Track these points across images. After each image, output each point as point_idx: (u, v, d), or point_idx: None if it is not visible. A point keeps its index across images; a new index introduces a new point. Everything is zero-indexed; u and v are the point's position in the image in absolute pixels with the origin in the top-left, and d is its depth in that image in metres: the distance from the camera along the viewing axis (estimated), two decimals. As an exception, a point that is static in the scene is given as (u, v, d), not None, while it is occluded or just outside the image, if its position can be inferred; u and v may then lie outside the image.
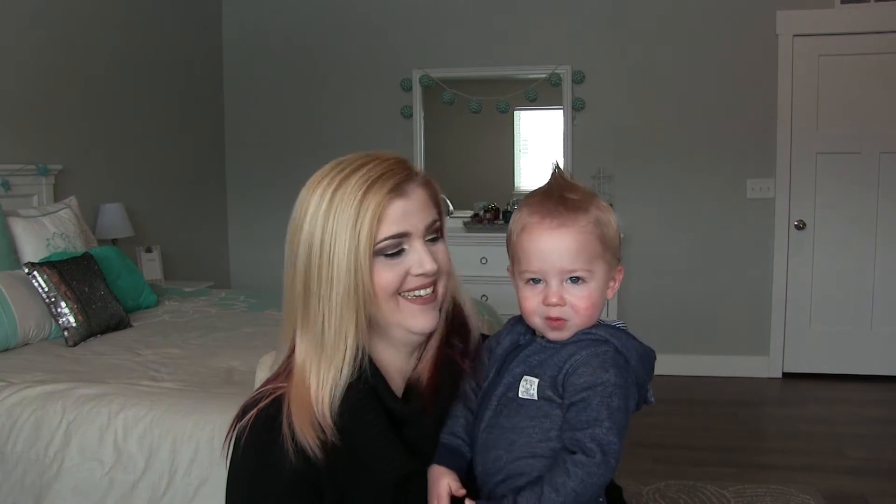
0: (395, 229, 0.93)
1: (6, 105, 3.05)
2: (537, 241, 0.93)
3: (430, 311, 0.98)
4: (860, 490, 2.73)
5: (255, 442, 0.94)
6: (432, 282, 0.97)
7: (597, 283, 0.94)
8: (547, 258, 0.92)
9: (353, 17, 4.53)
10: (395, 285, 0.95)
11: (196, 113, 4.49)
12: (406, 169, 0.96)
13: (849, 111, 4.04)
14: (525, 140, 4.63)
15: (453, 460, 0.96)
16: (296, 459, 0.91)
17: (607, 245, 0.94)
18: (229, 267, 4.86)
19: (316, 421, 0.91)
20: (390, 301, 0.96)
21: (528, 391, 0.93)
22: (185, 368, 2.16)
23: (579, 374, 0.90)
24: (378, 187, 0.92)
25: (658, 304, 4.32)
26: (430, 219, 0.97)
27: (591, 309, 0.93)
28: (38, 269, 2.51)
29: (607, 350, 0.92)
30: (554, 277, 0.93)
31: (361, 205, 0.91)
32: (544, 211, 0.93)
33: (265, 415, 0.95)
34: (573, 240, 0.92)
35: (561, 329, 0.94)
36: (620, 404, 0.88)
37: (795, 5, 4.04)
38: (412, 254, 0.95)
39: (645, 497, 2.65)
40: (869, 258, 4.10)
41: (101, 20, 3.61)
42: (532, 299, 0.94)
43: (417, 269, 0.95)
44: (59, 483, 1.76)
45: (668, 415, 3.57)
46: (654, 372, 0.99)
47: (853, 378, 4.11)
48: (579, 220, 0.92)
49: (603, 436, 0.86)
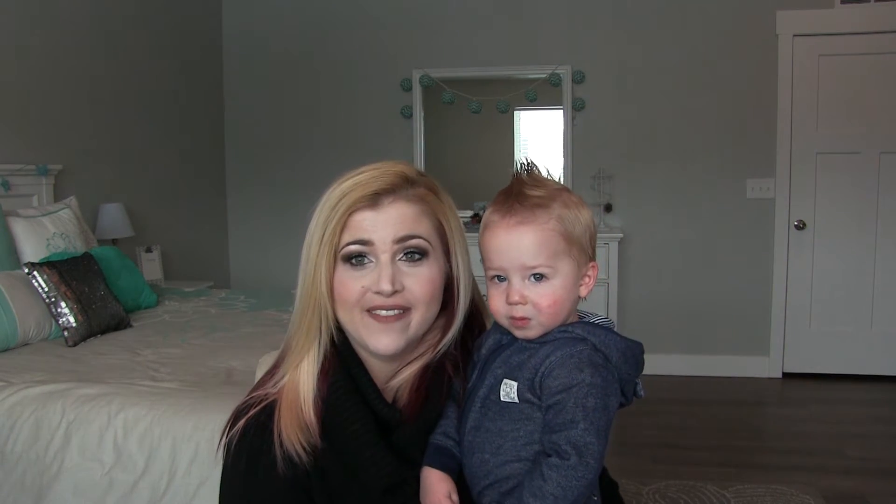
0: (356, 235, 0.92)
1: (6, 105, 3.05)
2: (497, 239, 0.93)
3: (393, 331, 0.94)
4: (860, 490, 2.73)
5: (247, 449, 0.94)
6: (396, 305, 0.93)
7: (561, 280, 0.92)
8: (506, 255, 0.92)
9: (354, 16, 4.53)
10: (355, 297, 0.93)
11: (196, 113, 4.49)
12: (401, 181, 0.94)
13: (849, 111, 4.04)
14: (525, 140, 4.63)
15: (446, 462, 0.96)
16: (287, 467, 0.91)
17: (572, 241, 0.93)
18: (229, 267, 4.86)
19: (305, 427, 0.92)
20: (352, 312, 0.94)
21: (508, 394, 0.92)
22: (185, 368, 2.16)
23: (554, 377, 0.89)
24: (355, 193, 0.92)
25: (658, 304, 4.32)
26: (402, 233, 0.93)
27: (555, 307, 0.92)
28: (38, 269, 2.51)
29: (583, 349, 0.91)
30: (515, 275, 0.92)
31: (334, 208, 0.92)
32: (504, 209, 0.93)
33: (256, 422, 0.94)
34: (532, 237, 0.91)
35: (526, 328, 0.93)
36: (598, 404, 0.87)
37: (795, 5, 4.04)
38: (375, 268, 0.93)
39: (645, 497, 2.64)
40: (869, 258, 4.10)
41: (100, 20, 3.61)
42: (497, 298, 0.94)
43: (374, 287, 0.92)
44: (59, 483, 1.76)
45: (668, 415, 3.57)
46: (655, 372, 0.99)
47: (853, 378, 4.11)
48: (538, 217, 0.91)
49: (578, 437, 0.85)
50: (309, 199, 0.97)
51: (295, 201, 4.46)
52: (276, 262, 4.65)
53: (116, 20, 3.73)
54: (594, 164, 4.30)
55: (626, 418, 3.39)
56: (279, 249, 4.66)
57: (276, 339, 2.36)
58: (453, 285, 0.99)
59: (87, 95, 3.53)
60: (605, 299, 4.08)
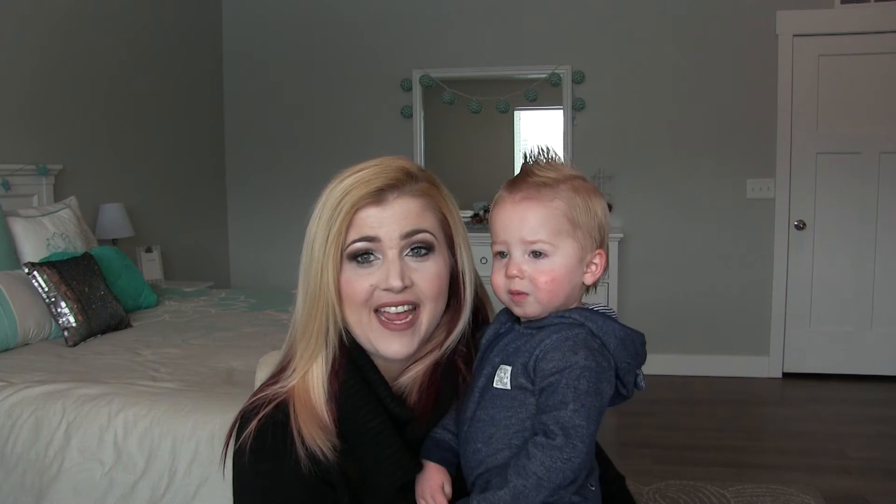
0: (362, 233, 0.91)
1: (6, 105, 3.05)
2: (502, 213, 0.95)
3: (404, 337, 0.94)
4: (860, 490, 2.73)
5: (266, 449, 0.91)
6: (406, 301, 0.93)
7: (562, 259, 0.93)
8: (509, 229, 0.94)
9: (354, 16, 4.53)
10: (363, 296, 0.92)
11: (196, 113, 4.49)
12: (404, 176, 0.93)
13: (849, 111, 4.04)
14: (525, 140, 4.63)
15: (443, 454, 0.96)
16: (310, 464, 0.89)
17: (577, 224, 0.93)
18: (229, 267, 4.86)
19: (324, 425, 0.91)
20: (361, 312, 0.93)
21: (501, 380, 0.93)
22: (185, 368, 2.16)
23: (549, 359, 0.89)
24: (358, 190, 0.91)
25: (658, 303, 4.31)
26: (409, 228, 0.92)
27: (552, 284, 0.93)
28: (38, 269, 2.51)
29: (579, 333, 0.91)
30: (516, 249, 0.94)
31: (337, 206, 0.91)
32: (512, 186, 0.96)
33: (273, 421, 0.92)
34: (535, 212, 0.93)
35: (523, 304, 0.94)
36: (590, 387, 0.87)
37: (795, 5, 4.04)
38: (383, 265, 0.92)
39: (645, 497, 2.64)
40: (869, 258, 4.10)
41: (100, 20, 3.61)
42: (498, 272, 0.96)
43: (383, 284, 0.91)
44: (59, 483, 1.76)
45: (668, 415, 3.57)
46: (655, 372, 0.99)
47: (853, 378, 4.11)
48: (544, 194, 0.93)
49: (567, 419, 0.85)
50: (309, 200, 0.97)
51: (295, 201, 4.46)
52: (276, 262, 4.66)
53: (116, 20, 3.72)
54: (594, 164, 4.30)
55: (627, 418, 3.41)
56: (279, 249, 4.66)
57: (276, 339, 2.36)
58: (458, 280, 0.99)
59: (88, 95, 3.53)
60: (606, 299, 4.08)
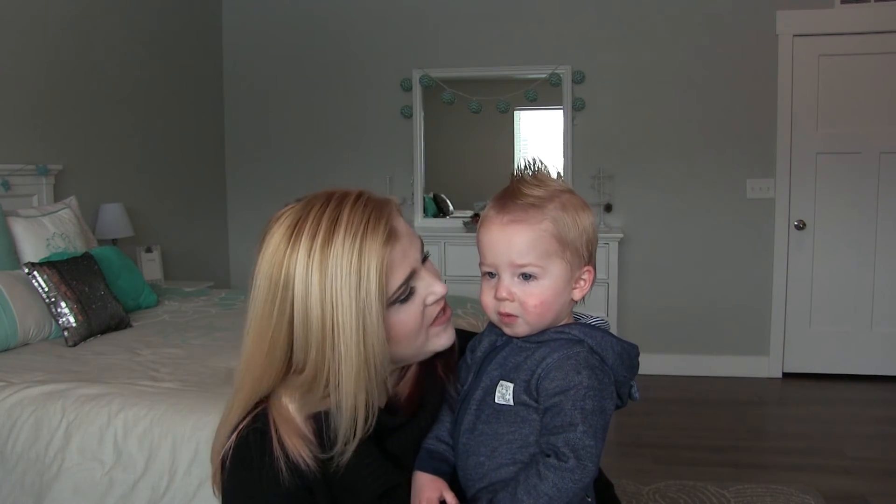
0: (403, 275, 0.91)
1: (6, 105, 3.05)
2: (490, 235, 0.94)
3: (450, 326, 0.99)
4: (860, 490, 2.73)
5: (247, 458, 0.90)
6: (444, 297, 0.98)
7: (551, 281, 0.93)
8: (497, 252, 0.93)
9: (354, 16, 4.53)
10: (419, 322, 0.93)
11: (196, 113, 4.49)
12: (381, 203, 0.92)
13: (849, 111, 4.04)
14: (525, 140, 4.63)
15: (438, 466, 0.95)
16: (291, 473, 0.88)
17: (566, 244, 0.93)
18: (229, 267, 4.86)
19: (304, 434, 0.90)
20: (416, 338, 0.94)
21: (503, 397, 0.92)
22: (185, 368, 2.16)
23: (551, 379, 0.89)
24: (371, 237, 0.87)
25: (658, 304, 4.31)
26: (419, 243, 0.95)
27: (541, 307, 0.93)
28: (38, 269, 2.51)
29: (580, 351, 0.91)
30: (505, 271, 0.93)
31: (361, 262, 0.86)
32: (500, 206, 0.95)
33: (252, 429, 0.91)
34: (524, 236, 0.92)
35: (513, 325, 0.94)
36: (595, 406, 0.87)
37: (795, 5, 4.04)
38: (420, 286, 0.94)
39: (645, 497, 2.64)
40: (869, 258, 4.10)
41: (100, 21, 3.61)
42: (487, 293, 0.96)
43: (432, 298, 0.94)
44: (59, 483, 1.76)
45: (668, 415, 3.57)
46: (655, 372, 0.99)
47: (853, 378, 4.12)
48: (531, 216, 0.92)
49: (578, 440, 0.85)
50: (309, 200, 0.96)
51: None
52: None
53: (117, 20, 3.72)
54: (594, 164, 4.30)
55: (626, 418, 3.41)
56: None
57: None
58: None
59: (87, 95, 3.53)
60: (605, 299, 4.08)
